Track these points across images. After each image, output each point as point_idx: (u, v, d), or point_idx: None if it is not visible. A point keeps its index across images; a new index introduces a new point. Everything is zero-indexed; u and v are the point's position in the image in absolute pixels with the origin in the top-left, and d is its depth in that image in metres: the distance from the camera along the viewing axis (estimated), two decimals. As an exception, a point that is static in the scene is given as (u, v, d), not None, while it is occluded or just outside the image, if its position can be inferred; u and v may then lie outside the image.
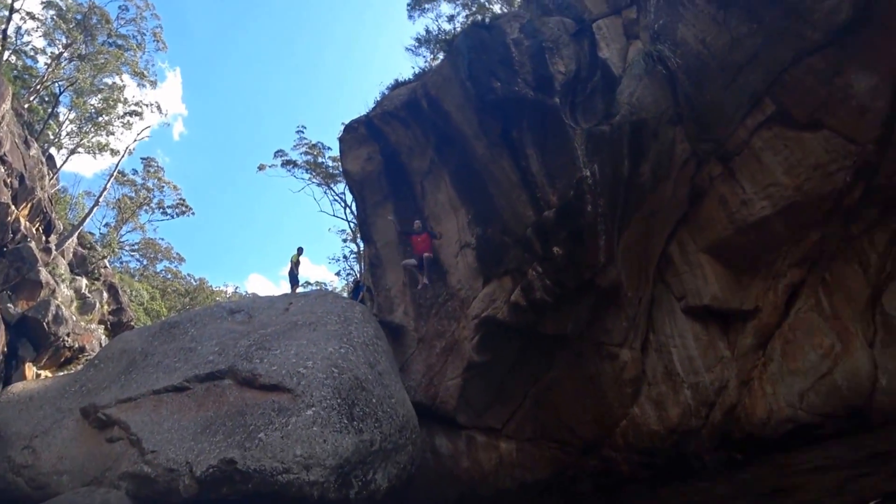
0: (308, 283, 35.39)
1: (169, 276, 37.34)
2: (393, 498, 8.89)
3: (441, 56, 14.46)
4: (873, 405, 9.86)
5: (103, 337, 17.67)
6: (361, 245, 13.85)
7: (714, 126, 10.59)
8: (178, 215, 33.68)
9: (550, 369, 11.01)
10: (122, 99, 25.40)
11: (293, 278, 15.14)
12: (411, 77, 13.04)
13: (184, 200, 33.72)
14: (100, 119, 24.78)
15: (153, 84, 26.81)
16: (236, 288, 46.55)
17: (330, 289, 29.03)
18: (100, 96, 24.59)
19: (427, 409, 10.95)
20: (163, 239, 40.46)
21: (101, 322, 18.56)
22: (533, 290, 9.92)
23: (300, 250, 15.22)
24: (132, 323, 20.45)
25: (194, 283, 38.66)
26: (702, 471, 10.03)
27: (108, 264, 22.61)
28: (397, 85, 12.89)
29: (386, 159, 12.70)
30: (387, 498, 8.63)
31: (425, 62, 18.12)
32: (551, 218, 9.86)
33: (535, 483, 10.84)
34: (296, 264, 15.01)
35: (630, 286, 10.64)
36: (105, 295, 19.73)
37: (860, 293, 10.29)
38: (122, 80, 25.43)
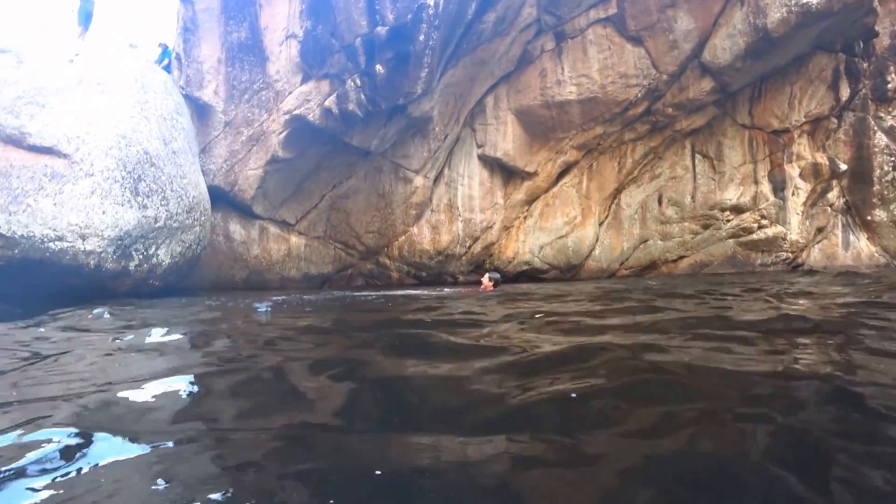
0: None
1: None
2: (176, 273, 9.55)
3: None
4: (584, 266, 12.98)
5: None
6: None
7: (563, 4, 11.31)
8: None
9: (350, 178, 11.90)
10: None
11: (86, 15, 11.25)
12: None
13: None
14: None
15: None
16: None
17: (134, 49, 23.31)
18: None
19: (225, 195, 11.14)
20: None
21: None
22: (348, 100, 10.10)
23: None
24: None
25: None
26: (453, 285, 12.51)
27: None
28: None
29: None
30: (169, 273, 9.24)
31: None
32: (382, 35, 9.77)
33: (318, 275, 12.33)
34: None
35: (440, 122, 11.54)
36: None
37: (609, 185, 12.75)
38: None
